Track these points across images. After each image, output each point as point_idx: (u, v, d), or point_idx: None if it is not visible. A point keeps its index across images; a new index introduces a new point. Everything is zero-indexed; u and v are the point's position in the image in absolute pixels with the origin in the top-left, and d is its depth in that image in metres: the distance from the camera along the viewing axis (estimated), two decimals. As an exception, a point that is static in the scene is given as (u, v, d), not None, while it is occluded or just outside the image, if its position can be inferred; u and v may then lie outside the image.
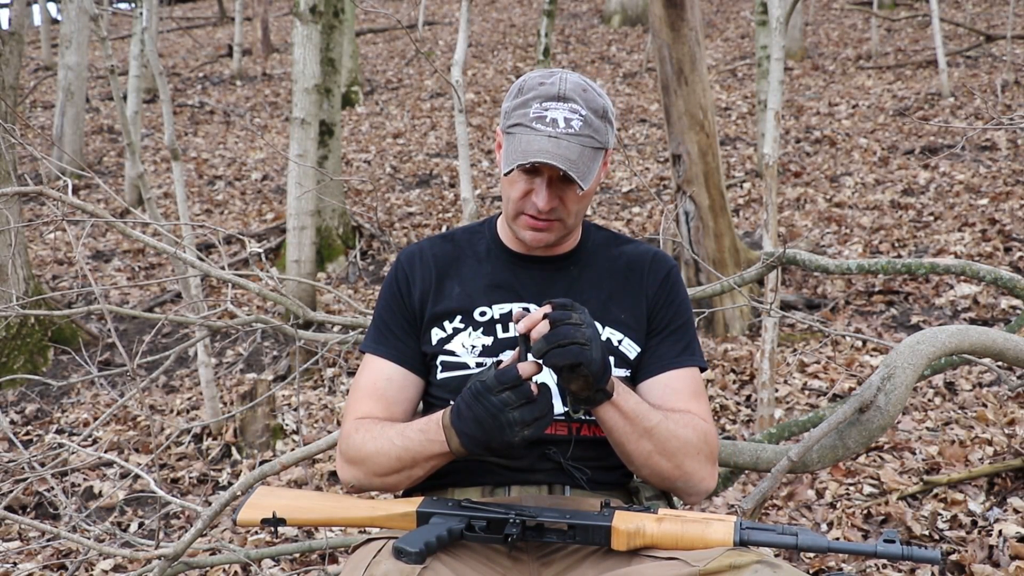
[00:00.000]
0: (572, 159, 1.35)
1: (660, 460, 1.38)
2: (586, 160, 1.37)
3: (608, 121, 1.41)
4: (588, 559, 1.37)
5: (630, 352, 1.48)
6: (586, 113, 1.38)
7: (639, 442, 1.36)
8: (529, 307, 1.46)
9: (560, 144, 1.35)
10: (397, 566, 1.26)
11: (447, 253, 1.54)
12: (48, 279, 6.96)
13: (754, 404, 3.76)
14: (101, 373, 2.74)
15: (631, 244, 1.58)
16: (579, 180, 1.35)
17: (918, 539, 2.60)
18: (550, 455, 1.43)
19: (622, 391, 1.36)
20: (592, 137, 1.38)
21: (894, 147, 7.87)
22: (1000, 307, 4.69)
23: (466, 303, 1.49)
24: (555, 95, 1.38)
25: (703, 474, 1.41)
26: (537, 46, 6.47)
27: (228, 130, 11.28)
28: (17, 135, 2.94)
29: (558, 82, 1.39)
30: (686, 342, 1.50)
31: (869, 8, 12.52)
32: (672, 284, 1.53)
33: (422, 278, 1.52)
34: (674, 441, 1.38)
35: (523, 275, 1.51)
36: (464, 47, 3.70)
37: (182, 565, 2.19)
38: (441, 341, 1.48)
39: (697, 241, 4.96)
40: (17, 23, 6.24)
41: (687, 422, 1.41)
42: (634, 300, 1.50)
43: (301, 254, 5.67)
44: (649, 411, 1.38)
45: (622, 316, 1.49)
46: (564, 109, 1.37)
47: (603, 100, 1.41)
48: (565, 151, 1.35)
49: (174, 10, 19.50)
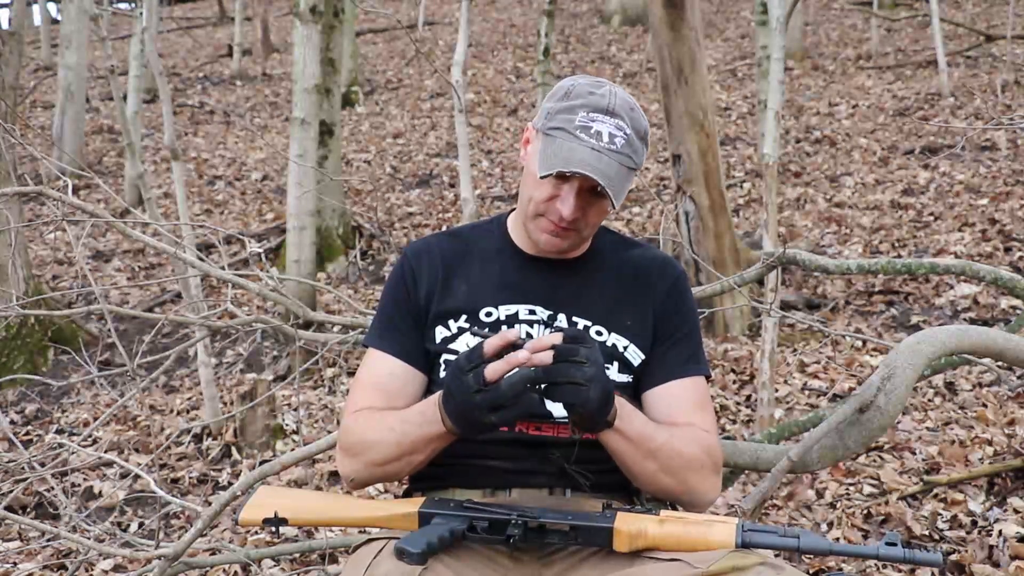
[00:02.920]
0: (610, 175, 1.34)
1: (664, 478, 1.37)
2: (622, 178, 1.36)
3: (646, 144, 1.41)
4: (589, 560, 1.37)
5: (634, 359, 1.47)
6: (630, 132, 1.37)
7: (644, 463, 1.36)
8: (533, 332, 1.45)
9: (601, 159, 1.34)
10: (398, 566, 1.26)
11: (455, 250, 1.53)
12: (48, 279, 6.96)
13: (754, 404, 3.76)
14: (101, 373, 2.73)
15: (640, 249, 1.57)
16: (613, 197, 1.35)
17: (918, 539, 2.60)
18: (553, 459, 1.42)
19: (626, 415, 1.33)
20: (631, 157, 1.37)
21: (894, 147, 7.87)
22: (1000, 307, 4.69)
23: (472, 302, 1.48)
24: (604, 108, 1.37)
25: (706, 487, 1.41)
26: (537, 46, 6.47)
27: (228, 130, 11.27)
28: (17, 135, 2.94)
29: (608, 95, 1.39)
30: (692, 350, 1.49)
31: (869, 8, 12.51)
32: (680, 292, 1.52)
33: (429, 275, 1.50)
34: (678, 459, 1.37)
35: (533, 277, 1.49)
36: (464, 47, 3.70)
37: (182, 565, 2.19)
38: (445, 340, 1.47)
39: (697, 241, 4.96)
40: (17, 23, 6.24)
41: (692, 438, 1.40)
42: (641, 306, 1.49)
43: (301, 254, 5.67)
44: (654, 431, 1.36)
45: (628, 322, 1.48)
46: (610, 124, 1.36)
47: (645, 122, 1.41)
48: (605, 166, 1.34)
49: (174, 10, 19.49)
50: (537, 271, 1.50)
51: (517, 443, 1.43)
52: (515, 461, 1.43)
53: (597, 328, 1.46)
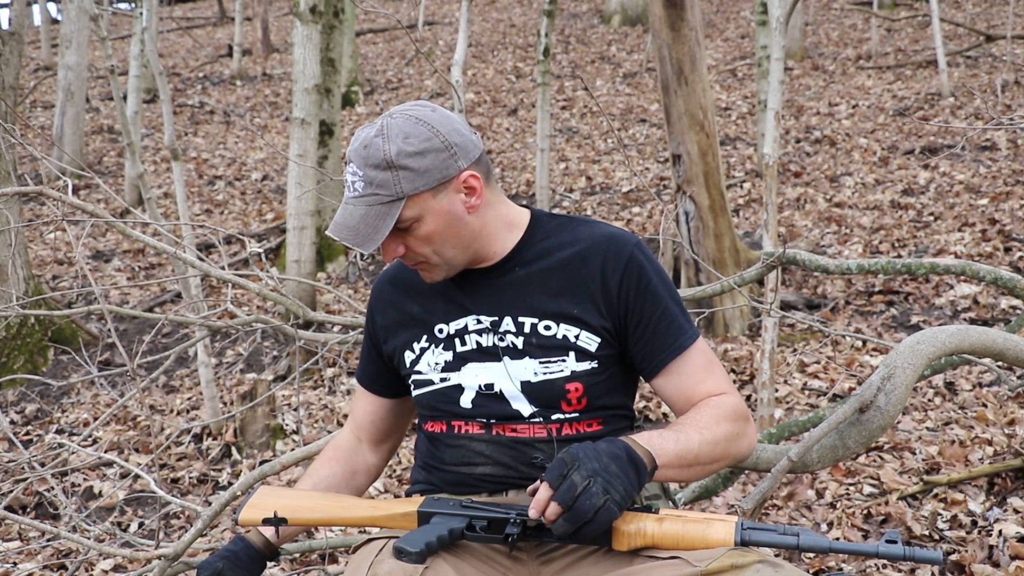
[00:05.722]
0: (350, 224, 1.37)
1: (711, 467, 1.39)
2: (372, 219, 1.36)
3: (397, 168, 1.35)
4: (588, 559, 1.37)
5: (590, 344, 1.43)
6: (363, 172, 1.37)
7: (690, 471, 1.37)
8: (482, 341, 1.47)
9: (347, 209, 1.39)
10: (399, 566, 1.26)
11: (408, 273, 1.54)
12: (48, 279, 6.96)
13: (754, 404, 3.76)
14: (101, 373, 2.74)
15: (588, 227, 1.50)
16: (357, 246, 1.36)
17: (918, 539, 2.60)
18: (537, 462, 1.42)
19: (659, 447, 1.31)
20: (376, 194, 1.36)
21: (894, 147, 7.87)
22: (1000, 307, 4.69)
23: (426, 321, 1.51)
24: (347, 157, 1.41)
25: (745, 444, 1.42)
26: (537, 46, 6.47)
27: (228, 130, 11.28)
28: (17, 135, 2.94)
29: (354, 141, 1.40)
30: (672, 322, 1.44)
31: (869, 8, 12.51)
32: (639, 268, 1.44)
33: (383, 313, 1.58)
34: (717, 447, 1.37)
35: (470, 288, 1.49)
36: (464, 47, 3.70)
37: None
38: (412, 362, 1.52)
39: (697, 241, 4.96)
40: (17, 23, 6.24)
41: (717, 415, 1.39)
42: (587, 291, 1.44)
43: (301, 254, 5.67)
44: (688, 440, 1.34)
45: (575, 311, 1.44)
46: (349, 172, 1.40)
47: (388, 148, 1.35)
48: (348, 216, 1.38)
49: (174, 10, 19.49)
50: (474, 282, 1.49)
51: (499, 446, 1.44)
52: (502, 467, 1.44)
53: (545, 323, 1.44)
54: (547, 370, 1.42)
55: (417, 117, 1.38)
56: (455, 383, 1.46)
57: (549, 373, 1.42)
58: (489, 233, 1.46)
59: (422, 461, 1.53)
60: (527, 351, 1.43)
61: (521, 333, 1.44)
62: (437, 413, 1.49)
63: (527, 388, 1.42)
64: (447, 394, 1.47)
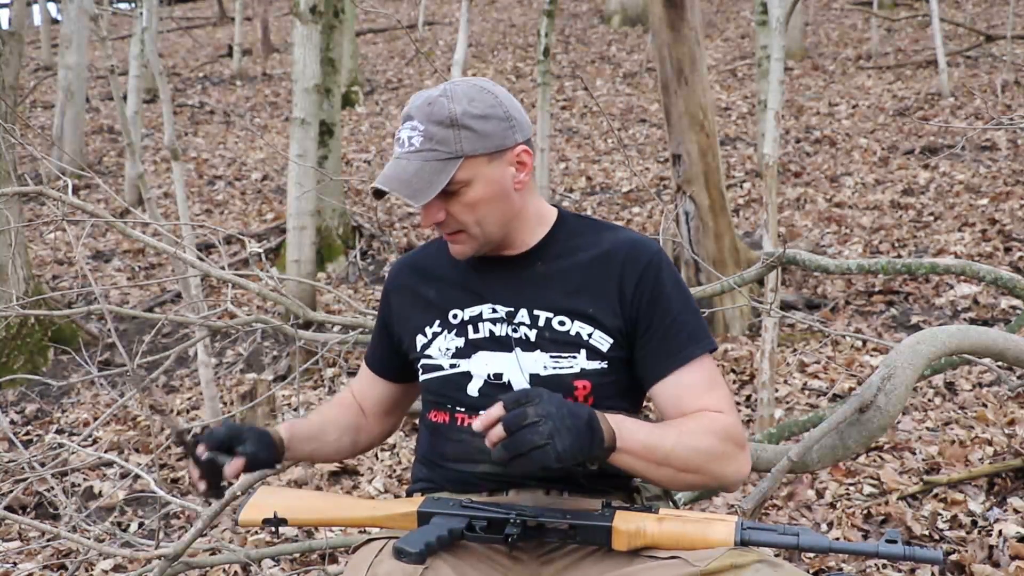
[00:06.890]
0: (404, 177, 1.37)
1: (686, 476, 1.35)
2: (427, 174, 1.36)
3: (461, 127, 1.37)
4: (588, 559, 1.37)
5: (602, 344, 1.43)
6: (424, 127, 1.38)
7: (659, 470, 1.33)
8: (496, 330, 1.46)
9: (399, 164, 1.39)
10: (399, 566, 1.26)
11: (428, 259, 1.57)
12: (48, 279, 6.96)
13: (754, 404, 3.76)
14: (101, 373, 2.74)
15: (612, 232, 1.51)
16: (408, 197, 1.36)
17: (918, 539, 2.60)
18: None
19: (627, 431, 1.29)
20: (435, 150, 1.37)
21: (894, 147, 7.87)
22: (1000, 307, 4.69)
23: (441, 306, 1.51)
24: (405, 115, 1.41)
25: (731, 470, 1.38)
26: (537, 46, 6.47)
27: (228, 130, 11.27)
28: (17, 135, 2.94)
29: (415, 99, 1.41)
30: (686, 332, 1.43)
31: (869, 8, 12.52)
32: (655, 274, 1.44)
33: (399, 295, 1.59)
34: (695, 456, 1.34)
35: (488, 277, 1.49)
36: (464, 47, 3.70)
37: (182, 565, 2.19)
38: (423, 347, 1.51)
39: (697, 241, 4.96)
40: (17, 23, 6.24)
41: (704, 427, 1.36)
42: (605, 292, 1.44)
43: (301, 254, 5.67)
44: (661, 437, 1.32)
45: (590, 310, 1.43)
46: (407, 128, 1.40)
47: (448, 109, 1.37)
48: (400, 170, 1.38)
49: (174, 10, 19.49)
50: (493, 270, 1.50)
51: None
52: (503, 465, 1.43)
53: (559, 318, 1.44)
54: (557, 365, 1.42)
55: (481, 86, 1.42)
56: (464, 370, 1.46)
57: (559, 368, 1.42)
58: (525, 217, 1.48)
59: (423, 456, 1.53)
60: (539, 344, 1.43)
61: (535, 326, 1.44)
62: (442, 400, 1.49)
63: (536, 381, 1.42)
64: (455, 381, 1.47)
